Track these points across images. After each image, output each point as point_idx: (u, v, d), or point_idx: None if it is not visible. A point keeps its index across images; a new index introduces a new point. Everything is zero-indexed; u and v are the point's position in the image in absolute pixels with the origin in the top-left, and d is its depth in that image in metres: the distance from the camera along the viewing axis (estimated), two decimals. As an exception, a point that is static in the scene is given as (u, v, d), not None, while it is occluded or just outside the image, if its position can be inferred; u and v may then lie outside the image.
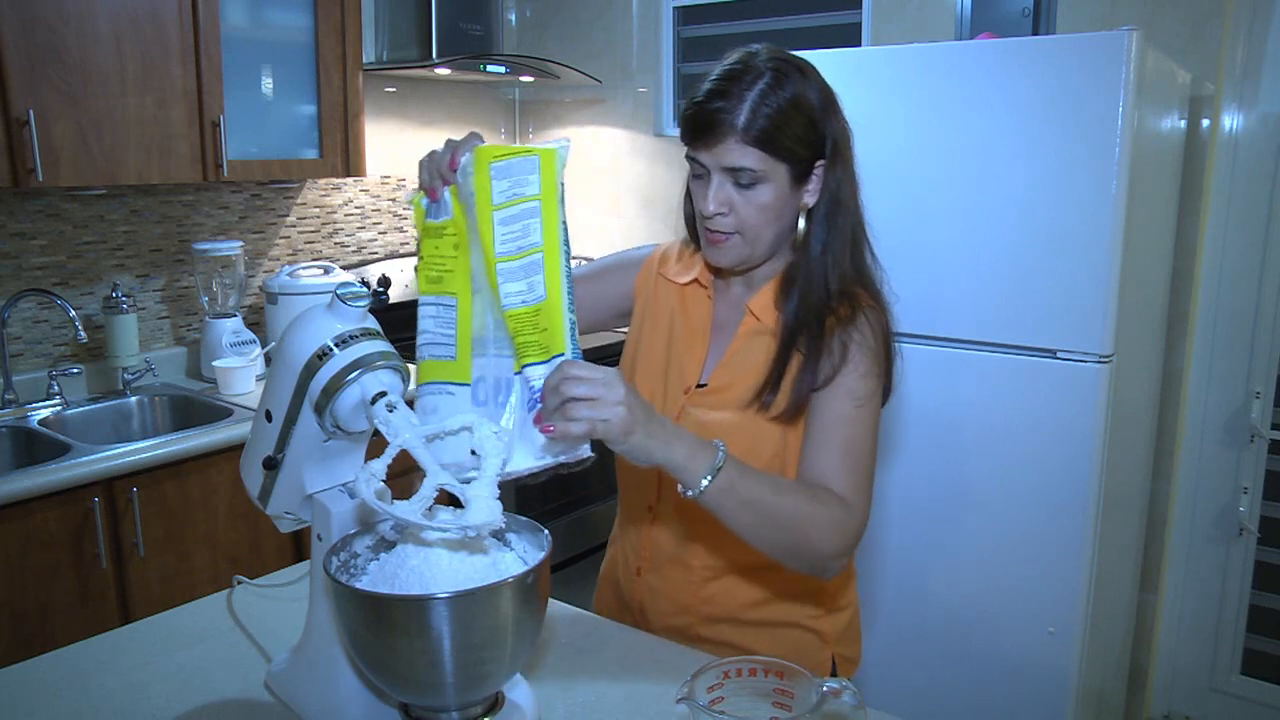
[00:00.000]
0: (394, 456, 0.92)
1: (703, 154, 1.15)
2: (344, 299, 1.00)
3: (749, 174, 1.13)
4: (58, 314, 2.42)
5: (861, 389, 1.18)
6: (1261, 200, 2.35)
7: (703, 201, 1.17)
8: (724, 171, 1.14)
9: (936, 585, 2.10)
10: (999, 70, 1.89)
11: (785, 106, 1.12)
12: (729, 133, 1.12)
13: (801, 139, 1.15)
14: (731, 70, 1.14)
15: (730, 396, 1.22)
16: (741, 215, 1.16)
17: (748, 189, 1.15)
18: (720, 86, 1.13)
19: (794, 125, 1.13)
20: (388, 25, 3.04)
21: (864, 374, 1.18)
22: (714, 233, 1.18)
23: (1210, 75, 2.32)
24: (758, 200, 1.15)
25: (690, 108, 1.16)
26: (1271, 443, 2.44)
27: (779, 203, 1.16)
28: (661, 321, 1.32)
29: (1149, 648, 2.62)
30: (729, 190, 1.15)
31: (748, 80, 1.12)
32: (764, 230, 1.18)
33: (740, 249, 1.19)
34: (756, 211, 1.16)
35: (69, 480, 1.91)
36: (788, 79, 1.13)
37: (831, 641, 1.32)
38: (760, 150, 1.12)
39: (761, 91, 1.12)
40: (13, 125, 2.02)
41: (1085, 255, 1.83)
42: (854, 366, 1.18)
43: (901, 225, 2.04)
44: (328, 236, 3.04)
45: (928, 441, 2.06)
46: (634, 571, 1.34)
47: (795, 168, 1.16)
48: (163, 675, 1.16)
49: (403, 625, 0.88)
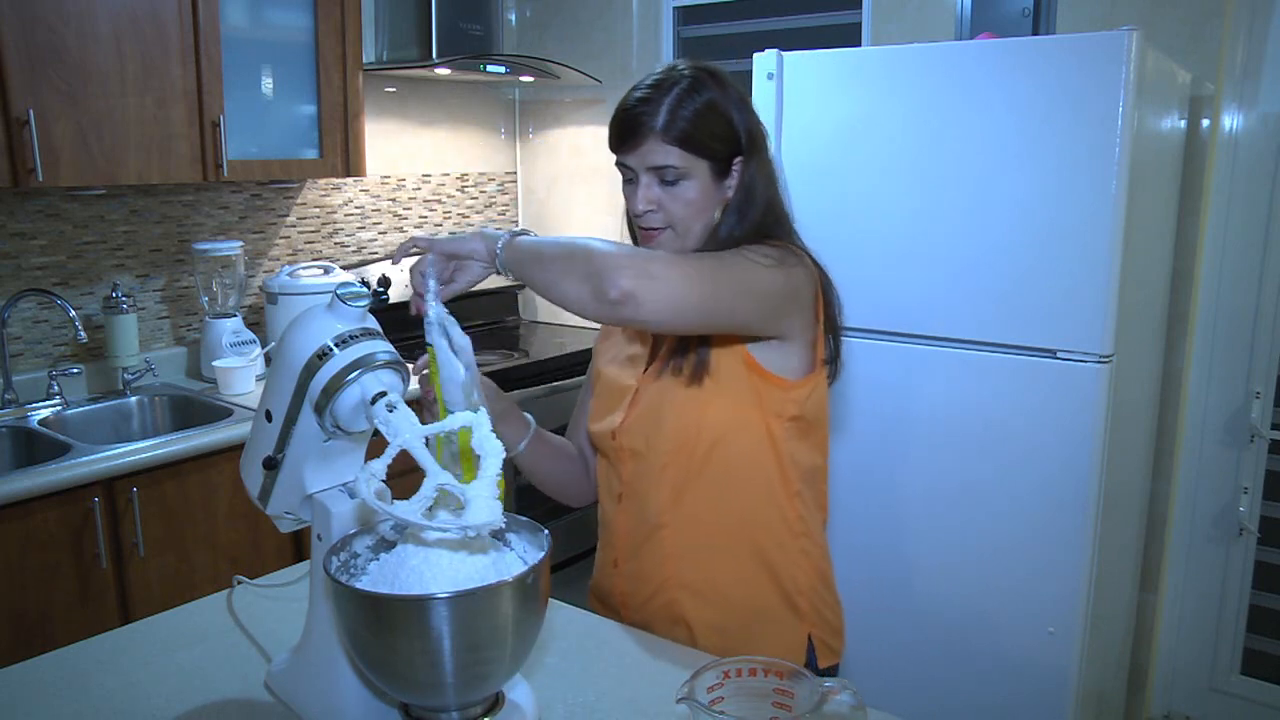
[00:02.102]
0: (394, 456, 0.92)
1: (629, 157, 1.24)
2: (344, 299, 1.00)
3: (673, 171, 1.23)
4: (58, 314, 2.42)
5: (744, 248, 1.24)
6: (1261, 200, 2.35)
7: (633, 201, 1.26)
8: (650, 171, 1.24)
9: (936, 585, 2.10)
10: (999, 70, 1.89)
11: (701, 107, 1.22)
12: (650, 134, 1.22)
13: (718, 136, 1.24)
14: (652, 80, 1.25)
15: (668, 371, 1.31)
16: (670, 211, 1.25)
17: (673, 185, 1.24)
18: (643, 94, 1.24)
19: (710, 124, 1.23)
20: (388, 25, 3.04)
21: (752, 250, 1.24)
22: (647, 230, 1.27)
23: (1210, 75, 2.32)
24: (683, 196, 1.24)
25: (615, 116, 1.26)
26: (1271, 443, 2.44)
27: (703, 197, 1.25)
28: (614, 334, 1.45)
29: (1149, 648, 2.62)
30: (656, 189, 1.24)
31: (666, 87, 1.23)
32: (693, 223, 1.26)
33: (673, 242, 1.27)
34: (683, 206, 1.25)
35: (69, 480, 1.91)
36: (702, 83, 1.23)
37: (810, 621, 1.33)
38: (680, 148, 1.22)
39: (678, 95, 1.22)
40: (13, 125, 2.02)
41: (1085, 255, 1.83)
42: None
43: (901, 225, 2.04)
44: (328, 236, 3.04)
45: (928, 441, 2.06)
46: (611, 564, 1.38)
47: (715, 164, 1.25)
48: (163, 675, 1.16)
49: (403, 625, 0.88)
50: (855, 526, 2.17)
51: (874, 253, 2.09)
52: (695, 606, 1.31)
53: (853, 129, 2.07)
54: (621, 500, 1.36)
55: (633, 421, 1.33)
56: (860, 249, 2.10)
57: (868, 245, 2.09)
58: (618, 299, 1.07)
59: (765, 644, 1.31)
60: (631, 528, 1.35)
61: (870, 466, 2.15)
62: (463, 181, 3.44)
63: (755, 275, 1.20)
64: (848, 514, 2.18)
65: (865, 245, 2.09)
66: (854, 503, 2.17)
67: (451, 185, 3.40)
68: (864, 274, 2.10)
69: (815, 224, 2.15)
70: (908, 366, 2.08)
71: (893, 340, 2.09)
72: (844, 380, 2.22)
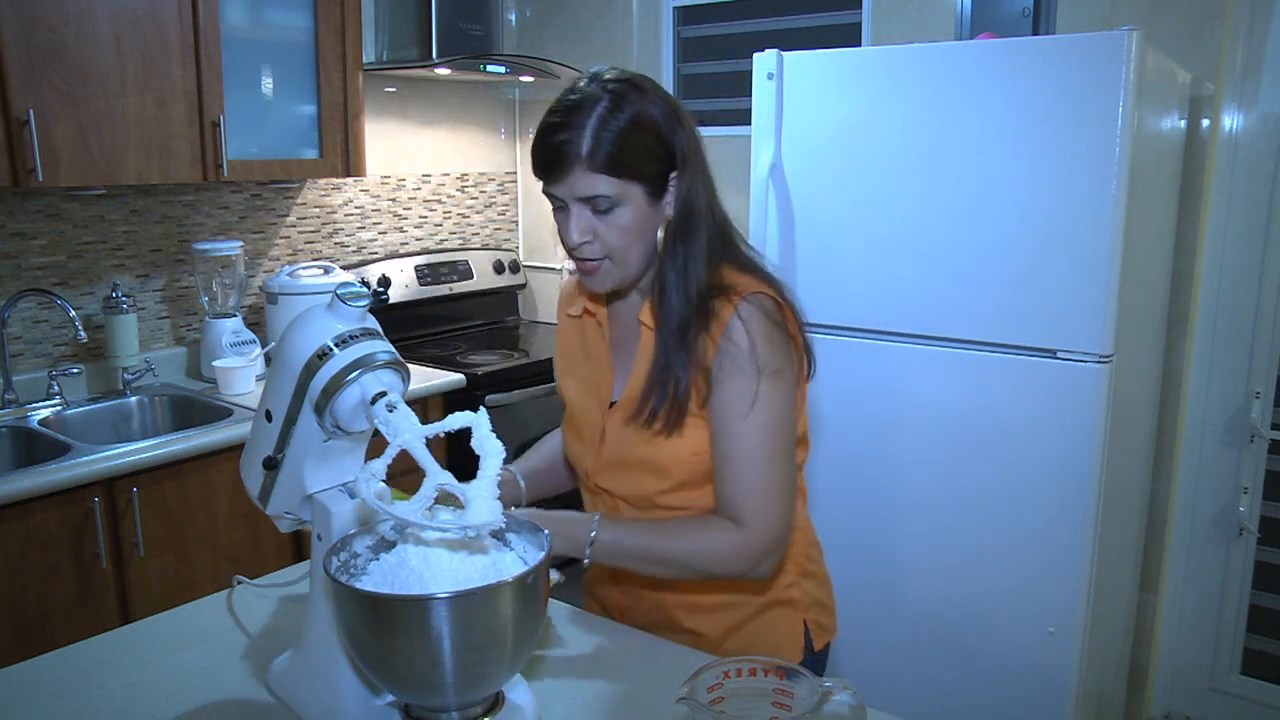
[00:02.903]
0: (394, 456, 0.92)
1: (556, 187, 1.15)
2: (344, 299, 1.00)
3: (604, 200, 1.14)
4: (58, 314, 2.42)
5: (741, 398, 1.17)
6: (1261, 200, 2.35)
7: (566, 234, 1.18)
8: (580, 201, 1.15)
9: (937, 585, 2.10)
10: (999, 70, 1.89)
11: (627, 127, 1.12)
12: (575, 163, 1.12)
13: (649, 155, 1.15)
14: (569, 101, 1.14)
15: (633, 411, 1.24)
16: (606, 240, 1.17)
17: (606, 214, 1.15)
18: (560, 119, 1.13)
19: (639, 144, 1.14)
20: (388, 25, 3.04)
21: (745, 379, 1.16)
22: (584, 261, 1.19)
23: (1210, 75, 2.32)
24: (618, 223, 1.16)
25: (535, 143, 1.16)
26: (1271, 443, 2.44)
27: (640, 222, 1.17)
28: (575, 357, 1.36)
29: (1149, 648, 2.62)
30: (589, 218, 1.16)
31: (586, 108, 1.12)
32: (630, 250, 1.18)
33: (613, 272, 1.20)
34: (619, 234, 1.16)
35: (69, 480, 1.91)
36: (625, 99, 1.13)
37: (803, 608, 1.34)
38: (609, 175, 1.13)
39: (601, 117, 1.12)
40: (13, 125, 2.02)
41: (1085, 255, 1.83)
42: (729, 379, 1.17)
43: (902, 225, 2.04)
44: (328, 236, 3.04)
45: (928, 441, 2.06)
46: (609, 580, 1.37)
47: (649, 185, 1.16)
48: (163, 675, 1.16)
49: (403, 625, 0.88)
50: (855, 526, 2.17)
51: (874, 253, 2.09)
52: (693, 619, 1.31)
53: (853, 129, 2.07)
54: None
55: (605, 465, 1.29)
56: (860, 249, 2.10)
57: (868, 245, 2.09)
58: (764, 575, 1.20)
59: (764, 639, 1.31)
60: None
61: (870, 466, 2.15)
62: (463, 181, 3.44)
63: (788, 422, 1.18)
64: (848, 514, 2.18)
65: (865, 245, 2.10)
66: (854, 503, 2.17)
67: (451, 185, 3.40)
68: (864, 274, 2.10)
69: (815, 224, 2.17)
70: (908, 367, 2.08)
71: (893, 340, 2.09)
72: (844, 380, 2.23)
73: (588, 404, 1.32)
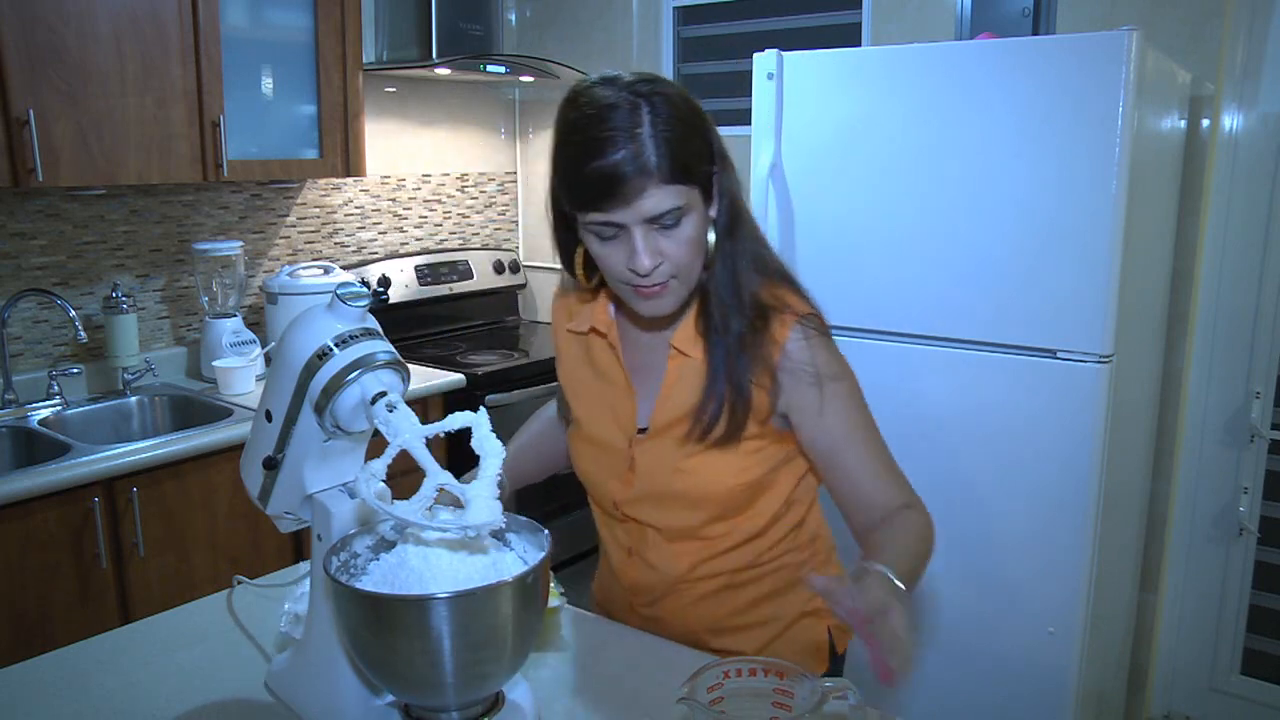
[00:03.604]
0: (394, 456, 0.92)
1: (618, 213, 1.03)
2: (344, 299, 1.00)
3: (672, 214, 1.05)
4: (58, 314, 2.41)
5: (837, 393, 1.17)
6: (1261, 200, 2.35)
7: (630, 260, 1.06)
8: (646, 222, 1.04)
9: (936, 585, 2.10)
10: (999, 70, 1.88)
11: (681, 127, 1.04)
12: (646, 179, 1.01)
13: (701, 154, 1.08)
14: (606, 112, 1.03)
15: (674, 440, 1.19)
16: (674, 258, 1.07)
17: (672, 229, 1.06)
18: (608, 133, 1.02)
19: (694, 143, 1.06)
20: (388, 25, 3.04)
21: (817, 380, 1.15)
22: (649, 286, 1.08)
23: (1210, 75, 2.32)
24: (684, 236, 1.07)
25: (580, 168, 1.03)
26: (1271, 443, 2.44)
27: (701, 229, 1.10)
28: (583, 379, 1.28)
29: (1149, 648, 2.62)
30: (655, 238, 1.06)
31: (632, 116, 1.02)
32: (695, 263, 1.11)
33: (679, 291, 1.12)
34: (687, 248, 1.08)
35: (69, 480, 1.91)
36: (664, 98, 1.05)
37: (827, 615, 1.32)
38: (680, 184, 1.04)
39: (653, 122, 1.02)
40: (13, 125, 2.02)
41: (1085, 255, 1.83)
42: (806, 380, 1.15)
43: (901, 225, 2.04)
44: (328, 236, 3.04)
45: (928, 441, 2.06)
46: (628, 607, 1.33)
47: (704, 186, 1.09)
48: (163, 675, 1.16)
49: (403, 625, 0.88)
50: (855, 526, 2.17)
51: (874, 253, 2.09)
52: (721, 640, 1.28)
53: (853, 129, 2.07)
54: (632, 555, 1.28)
55: (637, 497, 1.23)
56: (860, 249, 2.10)
57: (868, 245, 2.09)
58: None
59: (789, 649, 1.29)
60: (646, 581, 1.28)
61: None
62: (463, 181, 3.44)
63: (870, 416, 1.22)
64: (848, 514, 2.18)
65: (865, 245, 2.09)
66: (854, 503, 2.17)
67: (451, 185, 3.40)
68: (864, 274, 2.10)
69: (816, 224, 2.17)
70: (908, 366, 2.07)
71: (893, 340, 2.09)
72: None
73: (607, 429, 1.24)
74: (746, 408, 1.15)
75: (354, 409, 0.98)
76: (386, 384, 0.99)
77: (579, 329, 1.27)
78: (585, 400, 1.28)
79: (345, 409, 0.98)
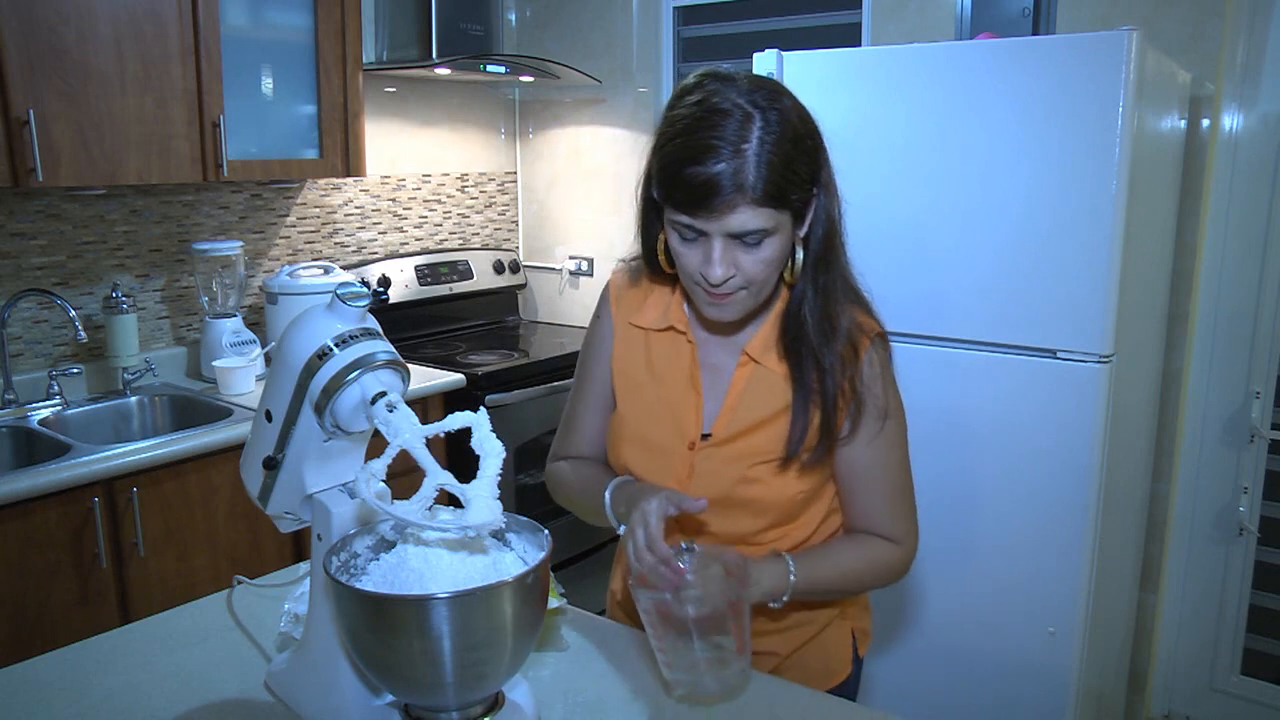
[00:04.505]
0: (394, 456, 0.92)
1: (704, 221, 1.04)
2: (344, 299, 1.00)
3: (757, 235, 1.05)
4: (58, 314, 2.42)
5: (888, 431, 1.20)
6: (1261, 200, 2.35)
7: (704, 266, 1.07)
8: (729, 236, 1.05)
9: (937, 585, 2.10)
10: (999, 70, 1.88)
11: (788, 150, 1.03)
12: (737, 198, 1.01)
13: (804, 180, 1.07)
14: (713, 117, 1.02)
15: (743, 448, 1.19)
16: (748, 273, 1.08)
17: (754, 247, 1.06)
18: (712, 141, 1.01)
19: (798, 169, 1.05)
20: (388, 25, 3.04)
21: (880, 415, 1.20)
22: (719, 294, 1.10)
23: (1210, 75, 2.32)
24: (764, 256, 1.07)
25: (677, 168, 1.03)
26: (1271, 443, 2.44)
27: (784, 251, 1.10)
28: (642, 376, 1.25)
29: (1149, 648, 2.62)
30: (734, 252, 1.06)
31: (741, 129, 1.01)
32: (770, 280, 1.12)
33: (746, 302, 1.13)
34: (764, 267, 1.08)
35: (69, 480, 1.91)
36: (780, 117, 1.03)
37: (851, 616, 1.34)
38: (771, 208, 1.04)
39: (761, 140, 1.01)
40: (13, 125, 2.02)
41: (1085, 255, 1.83)
42: (872, 412, 1.19)
43: (902, 225, 2.04)
44: (328, 236, 3.04)
45: (928, 441, 2.05)
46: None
47: (799, 211, 1.09)
48: (163, 675, 1.16)
49: (403, 625, 0.88)
50: (855, 526, 2.17)
51: (874, 253, 2.06)
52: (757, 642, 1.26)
53: (853, 129, 2.07)
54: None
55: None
56: (860, 249, 2.08)
57: (867, 245, 2.07)
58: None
59: (818, 652, 1.30)
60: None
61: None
62: (463, 181, 3.44)
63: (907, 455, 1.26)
64: (848, 514, 2.18)
65: (865, 245, 2.07)
66: (854, 503, 2.17)
67: (451, 185, 3.40)
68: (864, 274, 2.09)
69: (815, 224, 2.17)
70: (908, 367, 2.05)
71: (893, 340, 2.08)
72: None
73: (663, 432, 1.22)
74: (833, 435, 1.18)
75: (354, 409, 0.98)
76: (386, 384, 0.99)
77: (654, 326, 1.25)
78: (638, 399, 1.25)
79: (345, 409, 0.98)
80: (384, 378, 1.00)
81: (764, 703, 1.11)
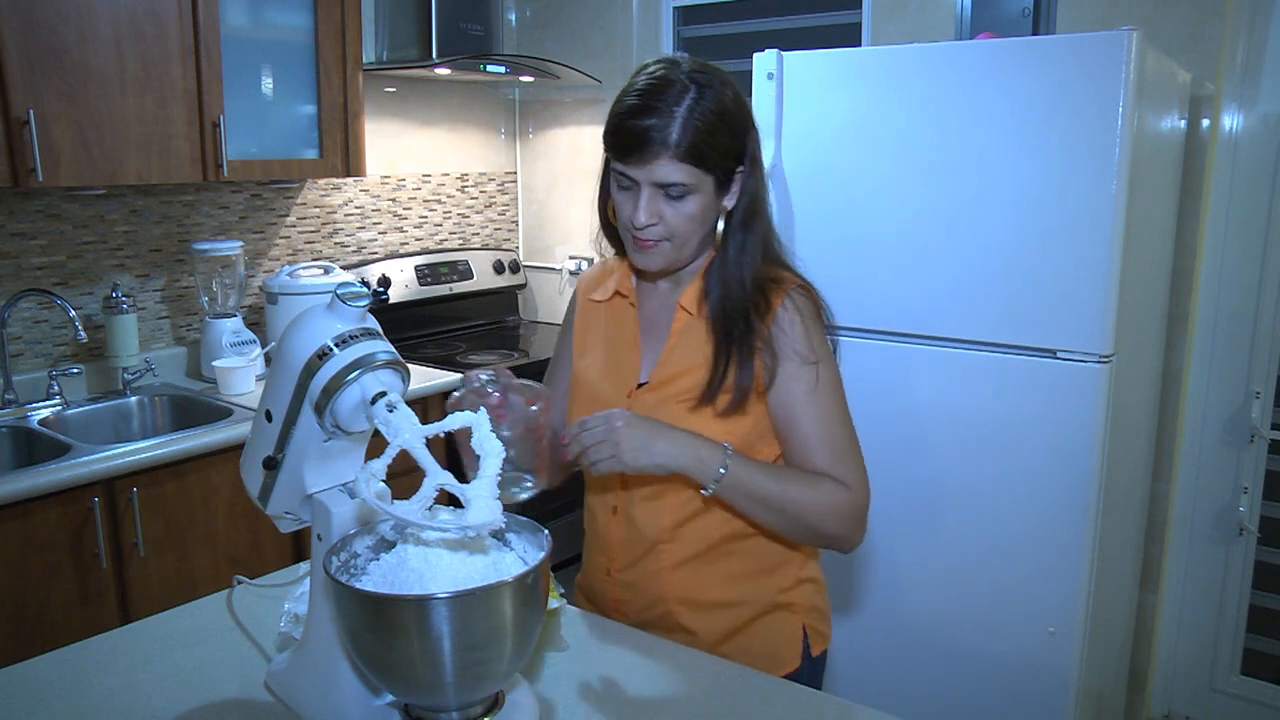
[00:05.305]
0: (394, 456, 0.92)
1: (633, 169, 1.19)
2: (344, 299, 1.00)
3: (679, 188, 1.19)
4: (58, 314, 2.42)
5: (808, 376, 1.24)
6: (1261, 200, 2.35)
7: (633, 212, 1.22)
8: (654, 185, 1.19)
9: (937, 585, 2.10)
10: (999, 70, 1.89)
11: (714, 120, 1.18)
12: (661, 150, 1.16)
13: (727, 150, 1.21)
14: (655, 85, 1.18)
15: (673, 391, 1.28)
16: (671, 224, 1.22)
17: (677, 200, 1.20)
18: (648, 102, 1.17)
19: (720, 138, 1.19)
20: (388, 25, 3.04)
21: (804, 359, 1.24)
22: (644, 241, 1.24)
23: (1210, 75, 2.32)
24: (686, 210, 1.21)
25: (617, 123, 1.20)
26: (1271, 443, 2.44)
27: (705, 211, 1.23)
28: (595, 340, 1.39)
29: (1149, 648, 2.62)
30: (659, 202, 1.21)
31: (675, 95, 1.17)
32: (691, 236, 1.24)
33: (669, 254, 1.25)
34: (685, 220, 1.22)
35: (69, 480, 1.91)
36: (713, 91, 1.19)
37: (802, 612, 1.35)
38: (691, 165, 1.18)
39: (690, 107, 1.17)
40: (13, 125, 2.02)
41: (1085, 255, 1.83)
42: (792, 357, 1.24)
43: (902, 225, 2.04)
44: (328, 236, 3.04)
45: (928, 441, 2.06)
46: (604, 573, 1.37)
47: (720, 177, 1.22)
48: (163, 675, 1.16)
49: (403, 625, 0.88)
50: (855, 526, 2.17)
51: (874, 253, 2.09)
52: (693, 617, 1.31)
53: (853, 129, 2.07)
54: (617, 513, 1.34)
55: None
56: (860, 249, 2.10)
57: (868, 245, 2.09)
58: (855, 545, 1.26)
59: (762, 641, 1.32)
60: (628, 541, 1.33)
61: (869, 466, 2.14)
62: (463, 181, 3.44)
63: (841, 399, 1.28)
64: (848, 514, 2.18)
65: (865, 245, 2.10)
66: (854, 503, 2.17)
67: (451, 185, 3.40)
68: (864, 274, 2.10)
69: (815, 224, 2.17)
70: (908, 366, 2.08)
71: (893, 340, 2.09)
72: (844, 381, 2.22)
73: (605, 386, 1.34)
74: (751, 381, 1.24)
75: (354, 409, 0.98)
76: (386, 384, 0.99)
77: (601, 297, 1.39)
78: (590, 358, 1.38)
79: (345, 409, 0.98)
80: (384, 378, 1.00)
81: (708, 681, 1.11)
